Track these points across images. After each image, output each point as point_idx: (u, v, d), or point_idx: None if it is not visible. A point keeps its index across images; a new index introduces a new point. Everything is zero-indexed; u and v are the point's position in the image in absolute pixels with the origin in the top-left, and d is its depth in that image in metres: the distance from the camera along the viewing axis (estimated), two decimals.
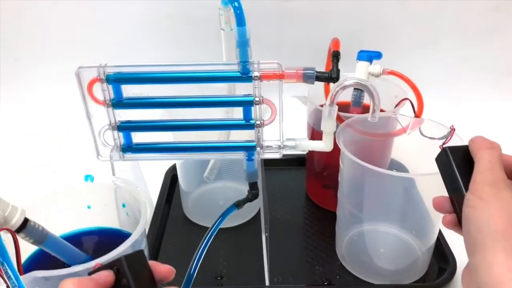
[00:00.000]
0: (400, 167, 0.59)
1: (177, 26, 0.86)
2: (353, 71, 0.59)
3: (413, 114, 0.55)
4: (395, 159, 0.60)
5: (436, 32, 0.86)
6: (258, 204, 0.61)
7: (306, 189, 0.67)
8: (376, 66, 0.59)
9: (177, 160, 0.59)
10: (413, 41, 0.86)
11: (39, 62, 0.90)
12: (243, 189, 0.56)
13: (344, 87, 0.45)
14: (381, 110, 0.60)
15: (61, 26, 0.88)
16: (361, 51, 0.59)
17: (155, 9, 0.85)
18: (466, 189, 0.34)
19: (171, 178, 0.69)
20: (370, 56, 0.60)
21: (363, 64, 0.59)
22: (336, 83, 0.45)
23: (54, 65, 0.88)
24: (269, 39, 0.78)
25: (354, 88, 0.60)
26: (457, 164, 0.37)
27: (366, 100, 0.61)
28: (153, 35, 0.88)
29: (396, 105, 0.56)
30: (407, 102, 0.56)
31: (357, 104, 0.61)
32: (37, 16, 0.87)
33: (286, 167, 0.72)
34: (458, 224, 0.36)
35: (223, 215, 0.48)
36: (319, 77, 0.43)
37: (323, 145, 0.47)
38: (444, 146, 0.40)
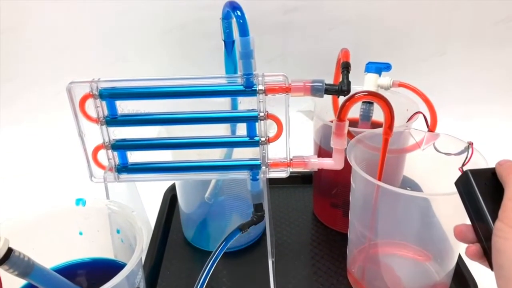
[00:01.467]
0: (413, 185, 0.56)
1: (174, 41, 0.84)
2: (361, 84, 0.56)
3: (426, 129, 0.52)
4: (407, 176, 0.57)
5: (445, 43, 0.84)
6: (262, 225, 0.58)
7: (313, 209, 0.64)
8: (385, 78, 0.56)
9: (173, 180, 0.55)
10: (421, 53, 0.84)
11: (33, 81, 0.88)
12: (247, 210, 0.53)
13: (356, 100, 0.42)
14: (379, 124, 0.58)
15: (54, 45, 0.85)
16: (369, 63, 0.57)
17: (152, 24, 0.83)
18: (493, 217, 0.31)
19: (170, 199, 0.65)
20: (378, 67, 0.57)
21: (372, 76, 0.56)
22: (347, 96, 0.42)
23: (46, 84, 0.86)
24: (272, 52, 0.76)
25: (363, 102, 0.57)
26: (481, 189, 0.33)
27: (375, 115, 0.58)
28: (149, 52, 0.86)
29: (409, 119, 0.53)
30: (420, 115, 0.53)
31: (366, 119, 0.57)
32: (33, 32, 0.84)
33: (291, 185, 0.69)
34: (484, 255, 0.33)
35: (227, 239, 0.44)
36: (329, 89, 0.41)
37: (334, 163, 0.44)
38: (464, 169, 0.37)
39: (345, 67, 0.42)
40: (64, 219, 0.41)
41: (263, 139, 0.43)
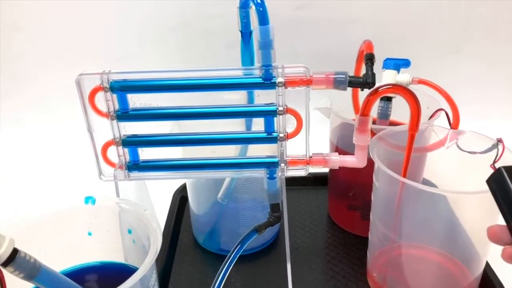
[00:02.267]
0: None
1: (180, 39, 0.81)
2: (379, 81, 0.54)
3: (448, 127, 0.50)
4: (426, 178, 0.55)
5: (461, 40, 0.81)
6: (276, 227, 0.55)
7: (328, 211, 0.61)
8: (404, 75, 0.54)
9: (188, 179, 0.53)
10: (436, 50, 0.81)
11: (36, 77, 0.86)
12: (262, 211, 0.51)
13: (381, 94, 0.40)
14: (395, 123, 0.56)
15: (59, 38, 0.83)
16: (387, 59, 0.54)
17: (158, 21, 0.81)
18: None
19: (180, 200, 0.63)
20: (397, 64, 0.55)
21: (390, 73, 0.54)
22: (371, 90, 0.40)
23: (53, 79, 0.84)
24: (282, 49, 0.74)
25: (380, 99, 0.55)
26: None
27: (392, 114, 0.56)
28: (154, 49, 0.83)
29: (431, 117, 0.51)
30: (442, 113, 0.51)
31: (384, 117, 0.55)
32: (34, 27, 0.82)
33: (305, 186, 0.66)
34: None
35: (243, 241, 0.42)
36: (352, 82, 0.38)
37: (356, 161, 0.42)
38: (496, 165, 0.35)
39: (369, 59, 0.40)
40: (72, 219, 0.38)
41: (281, 135, 0.41)
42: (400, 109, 0.55)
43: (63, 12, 0.80)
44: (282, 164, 0.41)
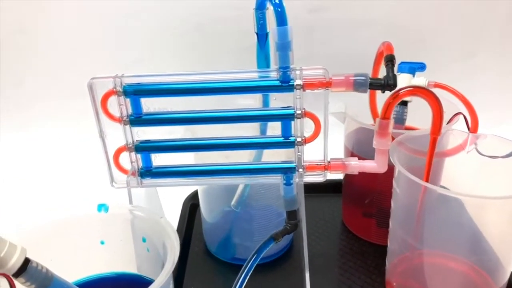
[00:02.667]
0: None
1: (191, 43, 0.80)
2: None
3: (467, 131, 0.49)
4: (442, 185, 0.53)
5: (475, 44, 0.80)
6: (289, 235, 0.54)
7: (342, 219, 0.60)
8: (420, 79, 0.53)
9: (200, 186, 0.52)
10: (450, 54, 0.80)
11: (46, 82, 0.85)
12: (276, 219, 0.50)
13: (401, 96, 0.38)
14: (410, 129, 0.55)
15: (66, 48, 0.82)
16: (402, 63, 0.53)
17: (173, 23, 0.80)
18: None
19: (190, 208, 0.61)
20: (412, 67, 0.53)
21: (406, 77, 0.53)
22: (393, 92, 0.38)
23: (63, 84, 0.83)
24: (297, 52, 0.73)
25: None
26: None
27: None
28: (170, 52, 0.82)
29: (449, 121, 0.50)
30: (460, 117, 0.49)
31: (399, 122, 0.54)
32: (44, 35, 0.82)
33: (317, 194, 0.65)
34: None
35: (259, 250, 0.41)
36: (373, 84, 0.37)
37: (376, 166, 0.40)
38: None
39: (389, 60, 0.39)
40: (85, 227, 0.37)
41: (299, 139, 0.40)
42: (413, 114, 0.54)
43: (72, 17, 0.79)
44: (300, 170, 0.40)
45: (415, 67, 0.54)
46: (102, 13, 0.79)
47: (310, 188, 0.62)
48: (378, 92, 0.52)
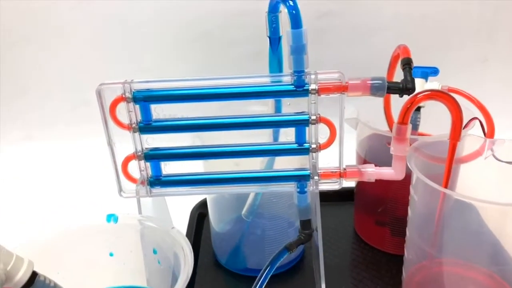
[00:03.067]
0: None
1: (199, 50, 0.79)
2: None
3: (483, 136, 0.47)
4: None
5: (488, 47, 0.79)
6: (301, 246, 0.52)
7: (354, 228, 0.58)
8: (433, 84, 0.52)
9: (211, 194, 0.50)
10: (461, 58, 0.79)
11: (52, 90, 0.84)
12: (288, 229, 0.49)
13: (420, 100, 0.37)
14: (422, 135, 0.53)
15: (71, 56, 0.81)
16: (415, 67, 0.51)
17: (181, 31, 0.79)
18: None
19: (198, 217, 0.60)
20: (425, 72, 0.52)
21: (418, 82, 0.51)
22: (411, 96, 0.37)
23: (63, 96, 0.82)
24: None
25: None
26: None
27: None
28: (179, 60, 0.81)
29: (464, 126, 0.48)
30: (476, 122, 0.48)
31: (413, 128, 0.53)
32: (48, 42, 0.81)
33: (327, 202, 0.63)
34: None
35: (273, 261, 0.39)
36: (391, 88, 0.36)
37: (394, 173, 0.39)
38: None
39: (407, 63, 0.38)
40: (93, 238, 0.36)
41: (314, 145, 0.38)
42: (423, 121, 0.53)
43: (77, 25, 0.79)
44: (316, 177, 0.39)
45: (428, 72, 0.53)
46: (107, 22, 0.78)
47: (320, 196, 0.61)
48: (393, 97, 0.51)
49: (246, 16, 0.71)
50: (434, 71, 0.53)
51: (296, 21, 0.34)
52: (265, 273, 0.39)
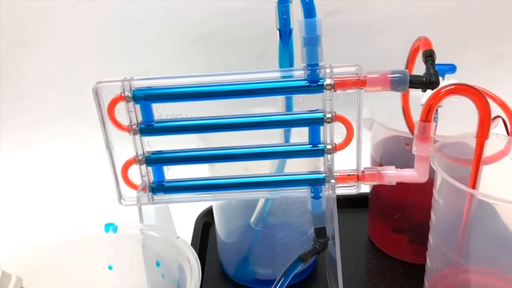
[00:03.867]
0: None
1: (201, 51, 0.77)
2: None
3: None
4: None
5: (504, 44, 0.76)
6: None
7: (368, 235, 0.55)
8: (450, 81, 0.49)
9: (217, 201, 0.47)
10: (476, 56, 0.76)
11: (48, 94, 0.81)
12: (301, 237, 0.45)
13: (444, 96, 0.34)
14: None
15: (70, 58, 0.79)
16: None
17: (184, 30, 0.76)
18: None
19: (203, 226, 0.57)
20: (442, 70, 0.49)
21: None
22: (434, 91, 0.34)
23: (67, 94, 0.79)
24: None
25: None
26: None
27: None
28: (181, 61, 0.78)
29: None
30: (499, 121, 0.45)
31: None
32: (47, 45, 0.78)
33: (338, 208, 0.60)
34: None
35: (287, 273, 0.36)
36: (414, 82, 0.33)
37: (417, 175, 0.36)
38: None
39: (429, 55, 0.35)
40: (90, 250, 0.33)
41: (329, 146, 0.36)
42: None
43: (76, 27, 0.76)
44: (332, 181, 0.36)
45: (444, 69, 0.50)
46: (107, 23, 0.76)
47: None
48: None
49: (249, 15, 0.68)
50: (451, 68, 0.50)
51: (309, 10, 0.32)
52: (278, 286, 0.35)
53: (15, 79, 0.79)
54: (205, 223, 0.57)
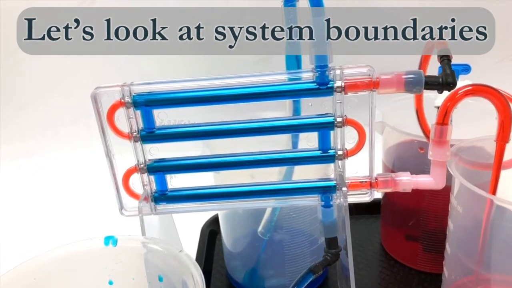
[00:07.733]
0: None
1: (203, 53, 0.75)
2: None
3: None
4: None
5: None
6: None
7: (381, 243, 0.53)
8: (465, 82, 0.47)
9: (223, 210, 0.46)
10: (490, 55, 0.74)
11: (48, 102, 0.80)
12: (311, 247, 0.44)
13: (461, 97, 0.33)
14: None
15: (69, 64, 0.78)
16: None
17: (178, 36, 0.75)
18: None
19: (209, 236, 0.55)
20: (455, 70, 0.47)
21: None
22: (450, 92, 0.33)
23: (60, 107, 0.78)
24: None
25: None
26: None
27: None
28: (182, 67, 0.77)
29: None
30: None
31: None
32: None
33: (350, 215, 0.58)
34: None
35: (298, 286, 0.34)
36: (429, 83, 0.31)
37: (433, 181, 0.34)
38: None
39: (445, 55, 0.33)
40: (89, 265, 0.31)
41: (340, 152, 0.34)
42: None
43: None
44: (344, 188, 0.34)
45: (458, 69, 0.47)
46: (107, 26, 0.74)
47: None
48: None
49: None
50: (465, 69, 0.48)
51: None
52: None
53: (16, 86, 0.78)
54: (211, 232, 0.56)
